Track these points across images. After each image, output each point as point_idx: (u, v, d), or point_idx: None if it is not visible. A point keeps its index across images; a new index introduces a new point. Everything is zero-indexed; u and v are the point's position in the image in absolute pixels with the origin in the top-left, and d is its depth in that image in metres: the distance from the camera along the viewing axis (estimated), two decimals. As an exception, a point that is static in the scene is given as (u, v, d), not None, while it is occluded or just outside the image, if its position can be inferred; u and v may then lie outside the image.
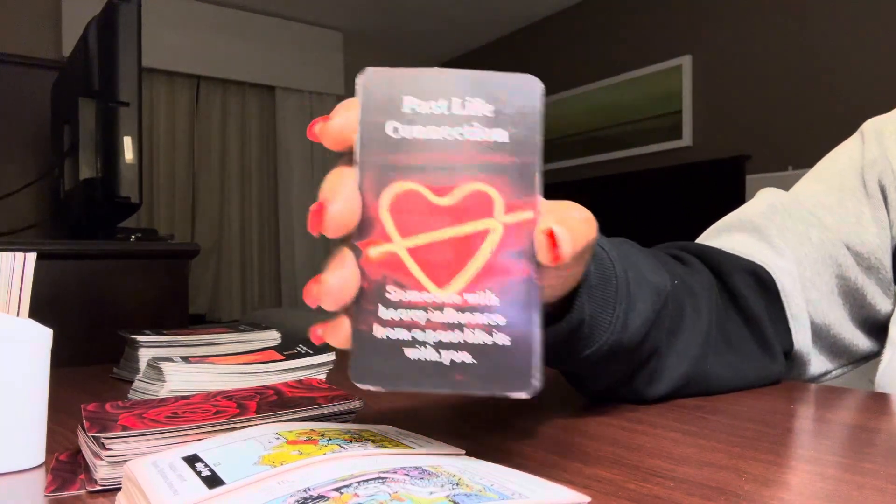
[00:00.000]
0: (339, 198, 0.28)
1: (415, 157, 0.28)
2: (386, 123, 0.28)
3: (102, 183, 1.20)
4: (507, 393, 0.27)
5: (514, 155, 0.28)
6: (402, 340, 0.28)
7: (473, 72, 0.29)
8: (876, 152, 0.58)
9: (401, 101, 0.29)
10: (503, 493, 0.24)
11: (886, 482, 0.31)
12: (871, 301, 0.57)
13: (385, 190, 0.28)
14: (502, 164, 0.28)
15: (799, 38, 3.01)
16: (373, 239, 0.28)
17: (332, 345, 0.29)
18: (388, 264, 0.28)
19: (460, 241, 0.28)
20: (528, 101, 0.28)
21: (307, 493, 0.24)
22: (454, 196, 0.28)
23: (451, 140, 0.28)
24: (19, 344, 0.37)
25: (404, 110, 0.28)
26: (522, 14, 4.15)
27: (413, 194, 0.28)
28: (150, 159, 3.89)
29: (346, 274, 0.28)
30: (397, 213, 0.28)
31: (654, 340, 0.44)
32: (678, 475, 0.33)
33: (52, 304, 1.12)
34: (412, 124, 0.28)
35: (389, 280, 0.28)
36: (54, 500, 0.32)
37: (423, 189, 0.28)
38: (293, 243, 4.31)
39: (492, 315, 0.28)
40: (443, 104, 0.28)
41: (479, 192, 0.28)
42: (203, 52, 3.96)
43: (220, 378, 0.52)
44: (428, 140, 0.28)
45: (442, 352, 0.28)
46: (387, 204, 0.28)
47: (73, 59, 1.39)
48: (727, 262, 0.54)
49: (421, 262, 0.28)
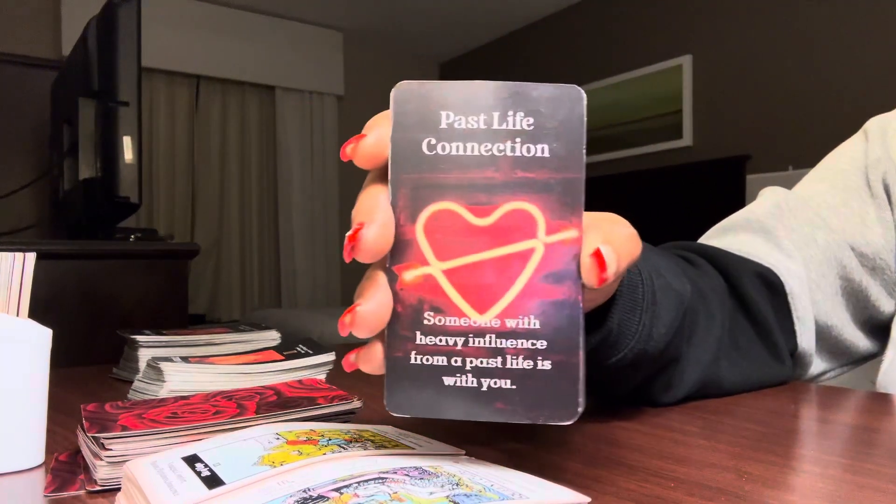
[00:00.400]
0: (375, 222, 0.26)
1: (452, 175, 0.27)
2: (421, 140, 0.27)
3: (102, 183, 1.20)
4: (550, 421, 0.26)
5: (557, 171, 0.27)
6: (439, 367, 0.27)
7: (512, 84, 0.27)
8: (879, 151, 0.58)
9: (437, 116, 0.27)
10: (503, 494, 0.24)
11: (888, 482, 0.31)
12: (875, 302, 0.57)
13: (421, 210, 0.27)
14: (544, 180, 0.27)
15: (799, 38, 3.01)
16: (409, 262, 0.27)
17: (365, 372, 0.28)
18: (425, 288, 0.27)
19: (500, 262, 0.27)
20: (570, 112, 0.27)
21: (307, 493, 0.24)
22: (494, 216, 0.27)
23: (490, 156, 0.27)
24: (19, 344, 0.37)
25: (441, 126, 0.27)
26: (522, 14, 4.15)
27: (450, 214, 0.27)
28: (150, 159, 3.89)
29: (380, 300, 0.27)
30: (434, 235, 0.27)
31: (675, 348, 0.44)
32: (679, 475, 0.33)
33: (51, 304, 1.12)
34: (449, 140, 0.27)
35: (426, 305, 0.27)
36: (54, 500, 0.32)
37: (461, 209, 0.27)
38: (293, 243, 4.31)
39: (534, 340, 0.27)
40: (481, 118, 0.27)
41: (520, 211, 0.27)
42: (203, 51, 3.96)
43: (219, 378, 0.52)
44: (466, 156, 0.27)
45: (482, 379, 0.27)
46: (423, 225, 0.27)
47: (73, 59, 1.39)
48: (735, 264, 0.54)
49: (459, 285, 0.27)
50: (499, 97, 0.27)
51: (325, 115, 4.47)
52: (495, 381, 0.27)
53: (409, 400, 0.27)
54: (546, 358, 0.27)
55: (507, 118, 0.27)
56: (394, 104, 0.27)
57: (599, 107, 3.89)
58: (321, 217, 4.43)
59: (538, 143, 0.27)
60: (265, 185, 4.34)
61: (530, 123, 0.27)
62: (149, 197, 3.86)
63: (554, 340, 0.27)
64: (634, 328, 0.39)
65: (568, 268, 0.27)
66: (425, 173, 0.27)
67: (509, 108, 0.27)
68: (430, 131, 0.27)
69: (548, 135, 0.27)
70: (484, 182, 0.27)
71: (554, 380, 0.26)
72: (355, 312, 0.27)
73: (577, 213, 0.27)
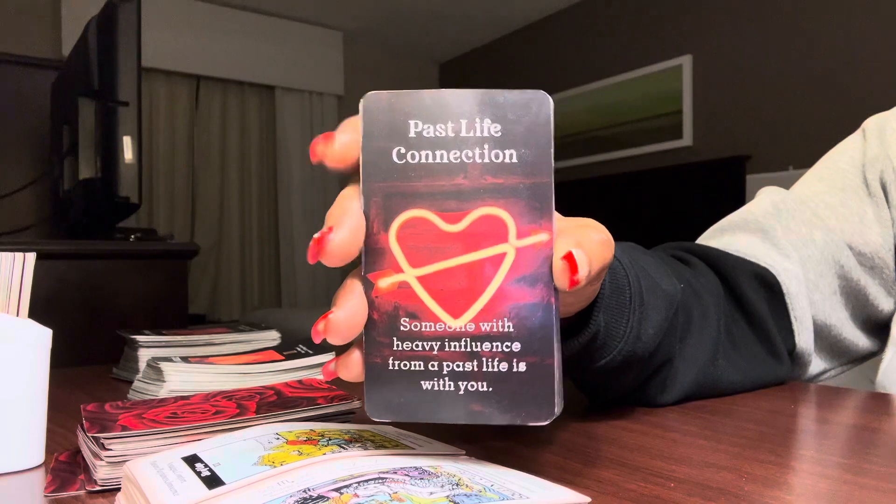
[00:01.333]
0: (343, 227, 0.27)
1: (423, 182, 0.27)
2: (391, 149, 0.28)
3: (102, 183, 1.20)
4: (527, 422, 0.27)
5: (526, 176, 0.27)
6: (416, 372, 0.27)
7: (479, 91, 0.28)
8: (877, 150, 0.58)
9: (406, 125, 0.28)
10: (503, 494, 0.24)
11: (888, 482, 0.31)
12: (874, 301, 0.57)
13: (393, 218, 0.27)
14: (514, 185, 0.27)
15: (799, 38, 3.01)
16: (383, 270, 0.27)
17: (344, 379, 0.29)
18: (400, 295, 0.27)
19: (473, 267, 0.27)
20: (537, 118, 0.27)
21: (307, 493, 0.24)
22: (465, 222, 0.27)
23: (460, 163, 0.27)
24: (19, 344, 0.37)
25: (410, 135, 0.28)
26: (522, 14, 4.15)
27: (422, 221, 0.27)
28: (150, 159, 3.89)
29: (353, 307, 0.27)
30: (406, 242, 0.27)
31: (667, 348, 0.44)
32: (679, 475, 0.33)
33: (51, 304, 1.12)
34: (419, 149, 0.27)
35: (402, 311, 0.27)
36: (54, 500, 0.32)
37: (433, 216, 0.27)
38: (293, 243, 4.31)
39: (508, 342, 0.27)
40: (449, 126, 0.27)
41: (490, 217, 0.27)
42: (203, 51, 3.96)
43: (219, 378, 0.52)
44: (436, 164, 0.27)
45: (459, 382, 0.27)
46: (395, 232, 0.27)
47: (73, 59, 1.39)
48: (732, 264, 0.54)
49: (433, 291, 0.27)
50: (467, 105, 0.28)
51: (325, 115, 4.47)
52: (472, 384, 0.27)
53: (388, 405, 0.28)
54: (521, 360, 0.27)
55: (474, 125, 0.27)
56: (363, 114, 0.28)
57: (599, 107, 3.89)
58: (321, 217, 4.42)
59: (506, 149, 0.27)
60: (265, 184, 4.34)
61: (498, 130, 0.27)
62: (149, 197, 3.86)
63: (529, 343, 0.27)
64: (622, 330, 0.39)
65: (540, 270, 0.27)
66: (396, 181, 0.28)
67: (476, 115, 0.27)
68: (400, 140, 0.28)
69: (516, 141, 0.27)
70: (454, 189, 0.27)
71: (530, 381, 0.27)
72: (328, 319, 0.27)
73: (547, 216, 0.27)
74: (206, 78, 4.08)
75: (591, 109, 3.94)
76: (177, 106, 4.02)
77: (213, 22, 3.98)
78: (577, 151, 4.01)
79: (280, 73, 4.25)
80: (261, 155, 4.32)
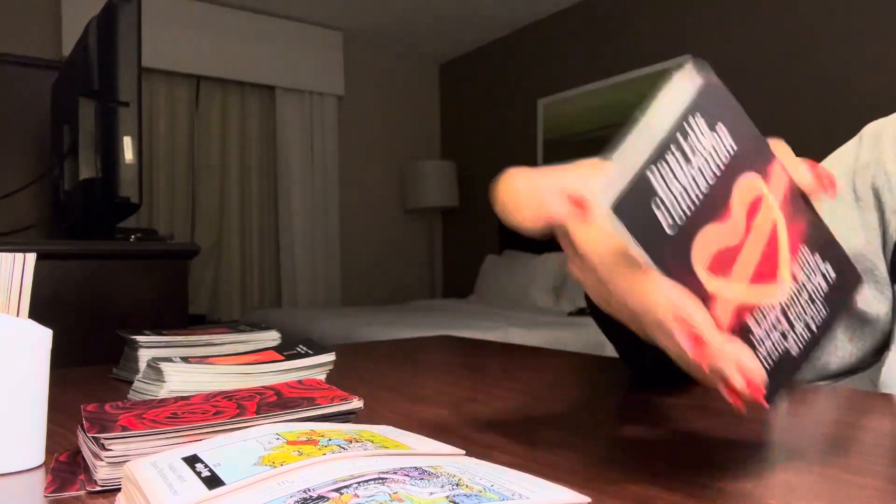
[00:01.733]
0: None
1: (692, 214, 0.29)
2: (660, 222, 0.28)
3: (102, 183, 1.20)
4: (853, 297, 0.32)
5: (742, 146, 0.30)
6: (781, 355, 0.31)
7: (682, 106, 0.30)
8: (868, 156, 0.59)
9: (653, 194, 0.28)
10: (503, 494, 0.24)
11: (888, 482, 0.31)
12: (863, 306, 0.57)
13: (691, 259, 0.29)
14: (741, 160, 0.30)
15: (799, 39, 3.01)
16: (712, 300, 0.29)
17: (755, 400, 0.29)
18: (737, 310, 0.29)
19: (761, 240, 0.30)
20: (721, 100, 0.30)
21: (307, 493, 0.24)
22: (732, 210, 0.29)
23: (703, 178, 0.29)
24: (19, 344, 0.37)
25: (661, 195, 0.28)
26: (522, 14, 4.15)
27: (706, 238, 0.29)
28: (150, 159, 3.89)
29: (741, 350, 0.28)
30: (710, 264, 0.29)
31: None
32: (679, 476, 0.33)
33: (51, 304, 1.12)
34: (677, 200, 0.28)
35: (749, 319, 0.30)
36: (54, 500, 0.32)
37: (710, 228, 0.29)
38: (293, 243, 4.31)
39: (822, 269, 0.31)
40: (686, 168, 0.29)
41: (744, 186, 0.30)
42: (203, 51, 3.96)
43: (219, 378, 0.52)
44: (690, 192, 0.29)
45: (798, 339, 0.31)
46: (702, 264, 0.29)
47: (73, 60, 1.39)
48: None
49: (755, 287, 0.29)
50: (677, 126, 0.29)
51: (325, 115, 4.47)
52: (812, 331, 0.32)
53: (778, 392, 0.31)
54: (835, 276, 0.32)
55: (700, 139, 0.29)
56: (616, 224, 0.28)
57: (600, 107, 3.90)
58: (321, 217, 4.43)
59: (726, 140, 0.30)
60: (265, 184, 4.33)
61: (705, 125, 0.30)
62: (149, 197, 3.86)
63: (830, 257, 0.32)
64: None
65: (799, 203, 0.31)
66: (679, 236, 0.29)
67: (691, 127, 0.29)
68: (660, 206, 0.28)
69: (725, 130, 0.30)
70: (710, 195, 0.29)
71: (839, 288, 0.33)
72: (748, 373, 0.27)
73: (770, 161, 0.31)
74: (206, 78, 4.08)
75: (591, 109, 3.94)
76: (177, 106, 4.02)
77: (213, 22, 3.98)
78: (577, 151, 4.01)
79: (280, 73, 4.25)
80: (261, 155, 4.31)
